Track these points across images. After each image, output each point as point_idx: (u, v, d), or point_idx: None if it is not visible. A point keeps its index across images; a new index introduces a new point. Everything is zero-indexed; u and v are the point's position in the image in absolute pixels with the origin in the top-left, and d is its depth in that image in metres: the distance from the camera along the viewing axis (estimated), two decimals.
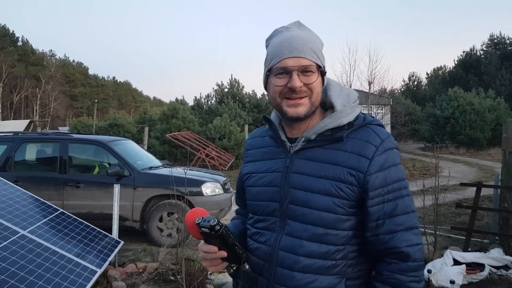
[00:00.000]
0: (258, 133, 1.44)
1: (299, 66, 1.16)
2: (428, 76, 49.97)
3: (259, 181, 1.30)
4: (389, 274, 1.16)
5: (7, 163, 6.40)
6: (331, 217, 1.15)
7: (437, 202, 5.22)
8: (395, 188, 1.17)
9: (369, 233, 1.17)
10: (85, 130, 26.25)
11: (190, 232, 1.18)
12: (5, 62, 49.19)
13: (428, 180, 6.49)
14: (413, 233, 1.17)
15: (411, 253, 1.15)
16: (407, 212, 1.18)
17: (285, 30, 1.24)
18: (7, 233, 3.61)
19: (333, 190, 1.15)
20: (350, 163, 1.15)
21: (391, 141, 1.20)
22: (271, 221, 1.24)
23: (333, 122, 1.20)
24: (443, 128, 23.48)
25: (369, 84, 15.56)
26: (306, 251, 1.17)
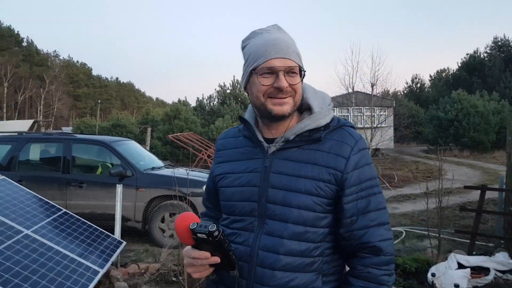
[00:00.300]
0: (231, 133, 1.44)
1: (286, 67, 1.19)
2: (431, 78, 49.89)
3: (235, 182, 1.30)
4: (362, 268, 1.21)
5: (12, 163, 6.42)
6: (311, 215, 1.19)
7: (441, 205, 5.19)
8: (368, 186, 1.23)
9: (343, 229, 1.22)
10: (88, 130, 26.30)
11: (181, 238, 1.13)
12: (10, 62, 49.38)
13: (432, 183, 6.47)
14: (385, 228, 1.24)
15: (384, 247, 1.21)
16: (379, 209, 1.24)
17: (265, 32, 1.27)
18: (11, 232, 3.61)
19: (313, 189, 1.19)
20: (328, 162, 1.21)
21: (363, 142, 1.27)
22: (248, 221, 1.25)
23: (312, 123, 1.25)
24: (447, 131, 23.40)
25: (372, 86, 15.47)
26: (286, 249, 1.19)
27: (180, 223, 1.12)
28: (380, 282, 1.21)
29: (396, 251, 5.59)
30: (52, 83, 58.54)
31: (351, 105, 16.39)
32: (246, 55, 1.28)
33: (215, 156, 1.44)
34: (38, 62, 61.19)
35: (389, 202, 9.53)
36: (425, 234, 5.95)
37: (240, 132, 1.38)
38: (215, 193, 1.41)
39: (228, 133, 1.46)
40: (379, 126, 14.85)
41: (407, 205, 9.16)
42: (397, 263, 4.73)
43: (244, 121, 1.34)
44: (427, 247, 5.52)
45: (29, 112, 57.07)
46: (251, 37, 1.30)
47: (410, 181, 12.63)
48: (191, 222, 1.10)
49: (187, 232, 1.11)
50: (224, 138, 1.45)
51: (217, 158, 1.41)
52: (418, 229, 6.71)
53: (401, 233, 6.50)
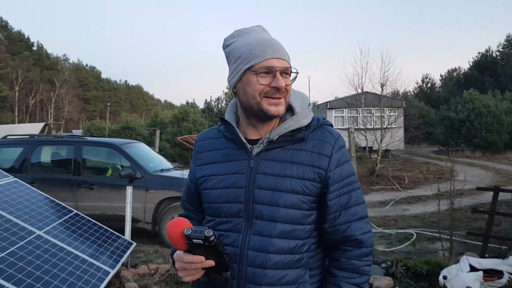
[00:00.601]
0: (210, 135, 1.43)
1: (283, 67, 1.22)
2: (442, 78, 49.38)
3: (220, 183, 1.30)
4: (346, 260, 1.28)
5: (24, 165, 6.49)
6: (298, 214, 1.23)
7: (453, 207, 5.13)
8: (349, 182, 1.30)
9: (327, 225, 1.28)
10: (98, 133, 26.55)
11: (174, 244, 1.12)
12: (21, 66, 49.99)
13: (443, 184, 6.42)
14: (365, 222, 1.31)
15: (365, 240, 1.28)
16: (359, 203, 1.31)
17: (252, 32, 1.29)
18: (23, 233, 3.65)
19: (299, 188, 1.23)
20: (312, 161, 1.25)
21: (342, 140, 1.33)
22: (235, 222, 1.26)
23: (295, 123, 1.28)
24: (458, 131, 23.15)
25: (382, 86, 15.38)
26: (276, 248, 1.22)
27: (173, 229, 1.10)
28: (362, 272, 1.28)
29: (407, 253, 5.55)
30: (62, 86, 59.19)
31: (360, 106, 16.31)
32: (234, 53, 1.27)
33: (195, 158, 1.42)
34: (49, 66, 61.88)
35: (399, 203, 9.47)
36: (436, 236, 5.89)
37: (221, 133, 1.38)
38: (197, 195, 1.40)
39: (207, 134, 1.44)
40: (389, 127, 14.74)
41: (417, 206, 9.08)
42: (408, 265, 4.69)
43: (226, 123, 1.34)
44: (438, 250, 5.47)
45: (40, 115, 57.73)
46: (236, 36, 1.31)
47: (421, 182, 12.52)
48: (185, 228, 1.09)
49: (181, 238, 1.09)
50: (203, 139, 1.43)
51: (198, 160, 1.40)
52: (429, 231, 6.65)
53: (412, 235, 6.45)
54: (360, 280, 1.28)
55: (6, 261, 3.13)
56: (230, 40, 1.32)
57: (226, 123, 1.34)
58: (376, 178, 13.06)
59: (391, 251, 5.70)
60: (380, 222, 7.46)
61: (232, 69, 1.28)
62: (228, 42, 1.32)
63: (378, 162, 13.89)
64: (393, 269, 4.69)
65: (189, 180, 1.44)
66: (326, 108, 23.10)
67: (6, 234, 3.49)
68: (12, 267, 3.09)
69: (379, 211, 8.56)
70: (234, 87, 1.30)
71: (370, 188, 11.62)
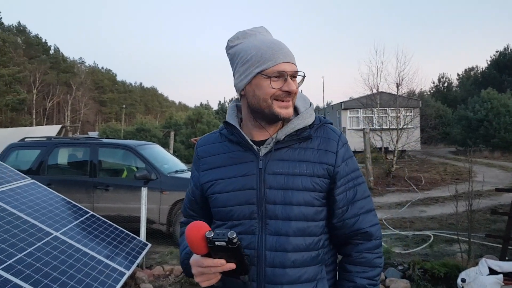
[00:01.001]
0: (212, 139, 1.42)
1: (293, 71, 1.25)
2: (459, 77, 48.68)
3: (229, 186, 1.30)
4: (357, 254, 1.30)
5: (41, 167, 6.60)
6: (311, 210, 1.26)
7: (471, 208, 5.04)
8: (354, 177, 1.33)
9: (336, 219, 1.30)
10: (114, 134, 26.82)
11: (194, 248, 1.10)
12: (39, 70, 50.91)
13: (461, 185, 6.30)
14: (372, 215, 1.34)
15: (374, 232, 1.32)
16: (365, 197, 1.34)
17: (258, 34, 1.31)
18: (41, 234, 3.70)
19: (310, 185, 1.25)
20: (320, 158, 1.28)
21: (344, 137, 1.36)
22: (248, 224, 1.26)
23: (301, 123, 1.30)
24: (476, 131, 22.76)
25: (397, 86, 15.20)
26: (293, 246, 1.24)
27: (193, 232, 1.08)
28: (374, 265, 1.30)
29: (424, 255, 5.46)
30: (78, 89, 60.09)
31: (375, 106, 16.16)
32: (242, 55, 1.28)
33: (198, 163, 1.41)
34: (65, 69, 62.85)
35: (416, 205, 9.34)
36: (454, 239, 5.79)
37: (223, 137, 1.38)
38: (201, 201, 1.40)
39: (208, 139, 1.44)
40: (405, 127, 14.56)
41: (435, 208, 8.93)
42: (426, 268, 4.62)
43: (230, 126, 1.34)
44: (456, 252, 5.37)
45: (57, 118, 58.69)
46: (241, 38, 1.31)
47: (438, 183, 12.33)
48: (205, 231, 1.07)
49: (202, 241, 1.08)
50: (205, 144, 1.43)
51: (202, 165, 1.39)
52: (447, 233, 6.54)
53: (429, 237, 6.34)
54: (373, 273, 1.30)
55: (24, 262, 3.17)
56: (234, 42, 1.32)
57: (230, 126, 1.34)
58: (392, 179, 12.91)
59: (408, 253, 5.62)
60: (397, 224, 7.36)
61: (240, 72, 1.28)
62: (232, 43, 1.32)
63: (394, 163, 13.73)
64: (410, 272, 4.62)
65: (193, 186, 1.43)
66: (341, 108, 22.95)
67: (24, 235, 3.54)
68: (29, 268, 3.13)
69: (395, 213, 8.45)
70: (242, 90, 1.30)
71: (386, 189, 11.49)
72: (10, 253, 3.17)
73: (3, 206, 3.83)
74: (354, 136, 14.64)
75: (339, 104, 23.96)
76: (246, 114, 1.33)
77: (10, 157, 6.76)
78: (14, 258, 3.14)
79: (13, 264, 3.06)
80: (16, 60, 47.74)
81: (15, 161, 6.73)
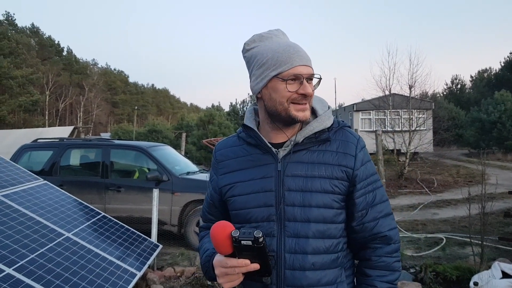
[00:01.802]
0: (230, 142, 1.43)
1: (309, 74, 1.25)
2: (472, 79, 48.09)
3: (248, 189, 1.30)
4: (377, 258, 1.29)
5: (53, 168, 6.67)
6: (330, 213, 1.25)
7: (484, 211, 4.97)
8: (373, 181, 1.33)
9: (355, 223, 1.30)
10: (126, 136, 27.05)
11: (219, 247, 1.11)
12: (52, 71, 51.54)
13: (474, 188, 6.21)
14: (390, 218, 1.34)
15: (393, 236, 1.31)
16: (383, 201, 1.34)
17: (274, 37, 1.30)
18: (53, 235, 3.74)
19: (329, 187, 1.25)
20: (339, 161, 1.28)
21: (362, 140, 1.36)
22: (267, 227, 1.26)
23: (320, 125, 1.30)
24: (489, 133, 22.47)
25: (410, 88, 15.07)
26: (313, 248, 1.23)
27: (219, 231, 1.09)
28: (393, 269, 1.30)
29: (436, 258, 5.40)
30: (91, 90, 60.73)
31: (388, 108, 16.03)
32: (258, 58, 1.28)
33: (217, 167, 1.42)
34: (78, 70, 63.53)
35: (428, 207, 9.24)
36: (467, 241, 5.72)
37: (241, 140, 1.38)
38: (220, 205, 1.41)
39: (227, 142, 1.44)
40: (418, 129, 14.43)
41: (447, 211, 8.84)
42: (438, 271, 4.56)
43: (248, 129, 1.35)
44: (469, 255, 5.30)
45: (70, 119, 59.35)
46: (257, 41, 1.31)
47: (451, 186, 12.20)
48: (231, 230, 1.08)
49: (227, 240, 1.08)
50: (223, 148, 1.43)
51: (221, 169, 1.39)
52: (460, 236, 6.46)
53: (442, 239, 6.27)
54: (393, 277, 1.29)
55: (36, 262, 3.21)
56: (251, 45, 1.32)
57: (248, 128, 1.34)
58: (404, 181, 12.81)
59: (420, 256, 5.56)
60: (409, 227, 7.30)
61: (257, 75, 1.29)
62: (249, 46, 1.32)
63: (407, 165, 13.61)
64: (422, 275, 4.57)
65: (212, 190, 1.44)
66: (353, 110, 22.80)
67: (36, 236, 3.58)
68: (41, 269, 3.17)
69: (408, 215, 8.37)
70: (259, 93, 1.30)
71: (398, 192, 11.40)
72: (22, 254, 3.21)
73: (15, 207, 3.88)
74: (366, 138, 14.50)
75: (351, 106, 23.82)
76: (264, 117, 1.34)
77: (23, 158, 6.85)
78: (26, 259, 3.18)
79: (25, 265, 3.10)
80: (29, 61, 48.38)
81: (28, 162, 6.82)
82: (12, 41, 45.91)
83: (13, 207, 3.86)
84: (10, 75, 41.71)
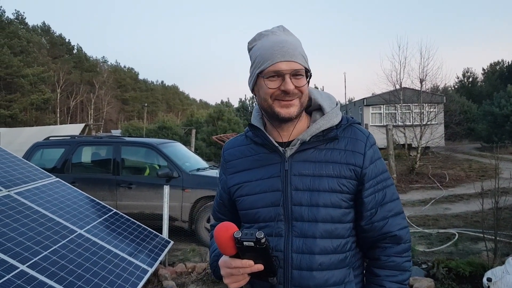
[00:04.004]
0: (238, 142, 1.42)
1: (292, 70, 1.20)
2: (484, 72, 47.45)
3: (256, 189, 1.30)
4: (386, 258, 1.27)
5: (65, 165, 6.73)
6: (338, 212, 1.24)
7: (497, 206, 4.91)
8: (383, 179, 1.30)
9: (364, 222, 1.28)
10: (136, 133, 27.23)
11: (223, 248, 1.11)
12: (62, 69, 52.01)
13: (487, 182, 6.13)
14: (401, 217, 1.31)
15: (403, 235, 1.28)
16: (394, 199, 1.31)
17: (271, 34, 1.28)
18: (65, 232, 3.78)
19: (336, 186, 1.23)
20: (347, 159, 1.25)
21: (372, 137, 1.33)
22: (275, 226, 1.25)
23: (327, 123, 1.28)
24: (502, 127, 22.17)
25: (421, 81, 14.88)
26: (320, 248, 1.22)
27: (222, 233, 1.09)
28: (403, 268, 1.27)
29: (449, 254, 5.35)
30: (101, 88, 61.16)
31: (398, 102, 15.88)
32: (252, 57, 1.29)
33: (225, 167, 1.42)
34: (88, 68, 63.99)
35: (440, 202, 9.16)
36: (479, 237, 5.65)
37: (249, 139, 1.38)
38: (230, 204, 1.41)
39: (234, 142, 1.44)
40: (429, 123, 14.28)
41: (459, 205, 8.75)
42: (450, 267, 4.52)
43: (255, 128, 1.34)
44: (482, 250, 5.24)
45: (81, 116, 59.89)
46: (257, 39, 1.31)
47: (463, 180, 12.06)
48: (234, 231, 1.08)
49: (230, 241, 1.08)
50: (231, 147, 1.43)
51: (229, 169, 1.40)
52: (472, 231, 6.39)
53: (454, 235, 6.22)
54: (403, 277, 1.27)
55: (49, 259, 3.24)
56: (252, 44, 1.32)
57: (255, 128, 1.34)
58: (415, 176, 12.69)
59: (432, 251, 5.52)
60: (420, 222, 7.24)
61: (250, 73, 1.31)
62: (250, 45, 1.33)
63: (418, 160, 13.49)
64: (434, 271, 4.54)
65: (221, 189, 1.44)
66: (363, 104, 22.64)
67: (49, 233, 3.62)
68: (54, 265, 3.20)
69: (419, 210, 8.31)
70: (253, 91, 1.32)
71: (409, 187, 11.31)
72: (35, 251, 3.25)
73: (28, 204, 3.92)
74: (377, 132, 14.46)
75: (361, 101, 23.66)
76: (264, 116, 1.34)
77: (36, 155, 6.92)
78: (39, 256, 3.22)
79: (38, 262, 3.14)
80: (40, 60, 48.85)
81: (40, 159, 6.89)
82: (22, 39, 46.38)
83: (26, 204, 3.90)
84: (21, 73, 42.17)
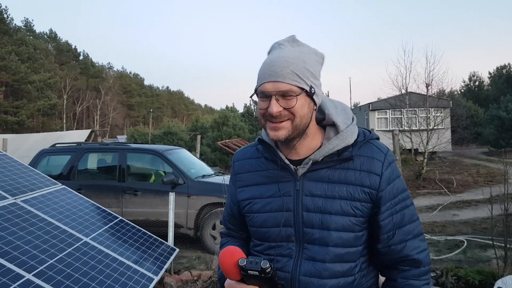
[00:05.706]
0: (249, 154, 1.37)
1: (277, 91, 1.13)
2: (490, 75, 47.15)
3: (266, 207, 1.25)
4: (403, 281, 1.22)
5: (71, 172, 6.74)
6: (350, 236, 1.18)
7: (507, 212, 4.84)
8: (401, 199, 1.23)
9: (381, 245, 1.22)
10: (142, 138, 27.30)
11: (227, 274, 1.09)
12: (69, 75, 52.39)
13: (495, 188, 6.07)
14: (420, 240, 1.24)
15: (422, 259, 1.22)
16: (413, 221, 1.24)
17: (277, 48, 1.21)
18: (71, 240, 3.76)
19: (350, 209, 1.17)
20: (362, 181, 1.18)
21: (391, 154, 1.25)
22: (286, 247, 1.22)
23: (341, 143, 1.21)
24: (509, 131, 21.99)
25: (427, 86, 14.83)
26: (330, 272, 1.17)
27: (226, 259, 1.07)
28: None
29: (457, 262, 5.28)
30: (107, 93, 61.50)
31: (404, 107, 15.82)
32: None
33: (235, 179, 1.38)
34: (94, 74, 64.38)
35: (447, 208, 9.08)
36: (489, 244, 5.58)
37: (260, 153, 1.32)
38: (240, 216, 1.37)
39: (245, 153, 1.38)
40: (436, 128, 14.20)
41: (467, 212, 8.66)
42: (459, 275, 4.46)
43: (265, 144, 1.28)
44: (491, 258, 5.17)
45: (87, 122, 60.25)
46: (268, 52, 1.25)
47: (470, 186, 11.97)
48: (238, 258, 1.05)
49: (234, 268, 1.06)
50: (242, 159, 1.38)
51: (238, 182, 1.35)
52: (481, 238, 6.31)
53: (462, 242, 6.14)
54: None
55: (55, 268, 3.23)
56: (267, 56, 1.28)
57: (266, 144, 1.28)
58: (422, 181, 12.61)
59: (440, 259, 5.45)
60: (428, 228, 7.16)
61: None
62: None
63: (425, 165, 13.41)
64: (443, 279, 4.47)
65: (231, 201, 1.40)
66: (369, 109, 22.56)
67: (55, 241, 3.61)
68: (60, 274, 3.18)
69: (426, 217, 8.23)
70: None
71: (416, 192, 11.23)
72: (41, 259, 3.23)
73: (35, 212, 3.91)
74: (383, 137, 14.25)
75: (366, 105, 23.58)
76: None
77: (42, 162, 6.94)
78: (45, 264, 3.20)
79: (44, 270, 3.12)
80: (47, 66, 49.23)
81: (47, 166, 6.90)
82: (30, 46, 46.80)
83: (32, 212, 3.89)
84: (28, 79, 42.53)
